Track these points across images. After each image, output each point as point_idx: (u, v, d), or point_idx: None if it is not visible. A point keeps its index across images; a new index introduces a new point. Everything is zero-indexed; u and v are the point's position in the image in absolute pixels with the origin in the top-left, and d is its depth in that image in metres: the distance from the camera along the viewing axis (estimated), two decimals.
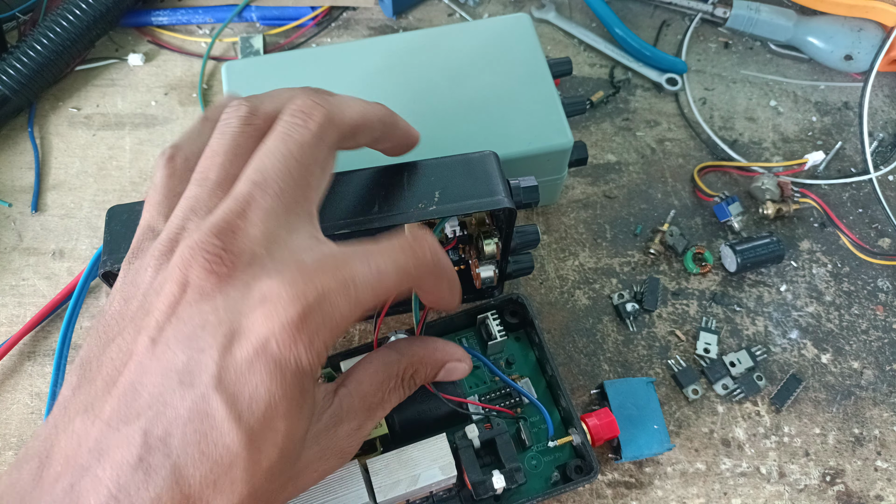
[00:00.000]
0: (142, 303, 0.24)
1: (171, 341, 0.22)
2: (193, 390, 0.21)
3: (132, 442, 0.21)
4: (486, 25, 0.47)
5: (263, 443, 0.22)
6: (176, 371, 0.22)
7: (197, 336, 0.22)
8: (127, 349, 0.23)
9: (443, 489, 0.37)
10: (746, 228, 0.49)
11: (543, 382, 0.42)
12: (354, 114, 0.28)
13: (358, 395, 0.28)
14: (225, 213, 0.24)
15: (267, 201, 0.24)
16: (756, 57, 0.57)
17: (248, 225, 0.23)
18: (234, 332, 0.22)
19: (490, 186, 0.33)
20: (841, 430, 0.43)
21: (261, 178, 0.24)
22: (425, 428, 0.37)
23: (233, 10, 0.57)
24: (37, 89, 0.51)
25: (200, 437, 0.21)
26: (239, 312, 0.22)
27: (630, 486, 0.41)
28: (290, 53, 0.47)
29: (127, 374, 0.22)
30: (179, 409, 0.21)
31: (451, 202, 0.32)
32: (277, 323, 0.22)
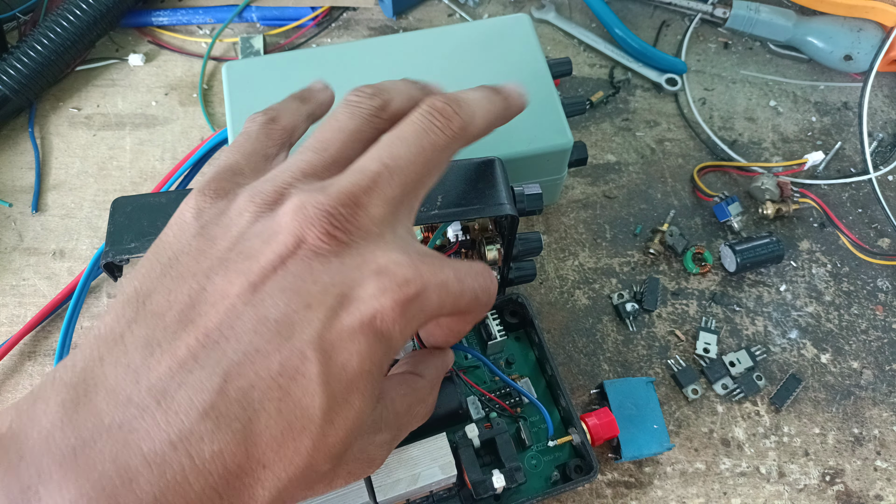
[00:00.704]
0: (237, 245, 0.22)
1: (276, 291, 0.21)
2: (290, 343, 0.20)
3: (207, 387, 0.20)
4: (486, 26, 0.47)
5: (337, 416, 0.21)
6: (275, 321, 0.21)
7: (306, 292, 0.21)
8: (215, 290, 0.21)
9: (443, 488, 0.37)
10: (746, 228, 0.49)
11: (543, 382, 0.42)
12: (483, 124, 0.28)
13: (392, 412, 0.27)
14: (353, 185, 0.23)
15: (391, 187, 0.24)
16: (756, 57, 0.57)
17: (370, 203, 0.23)
18: (345, 296, 0.21)
19: (494, 193, 0.33)
20: (840, 430, 0.43)
21: (392, 164, 0.24)
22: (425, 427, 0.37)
23: (233, 10, 0.57)
24: (37, 89, 0.51)
25: (283, 393, 0.20)
26: (353, 280, 0.22)
27: (630, 485, 0.41)
28: (290, 54, 0.47)
29: (213, 315, 0.21)
30: (270, 361, 0.20)
31: (453, 207, 0.32)
32: (389, 299, 0.22)
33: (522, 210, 0.34)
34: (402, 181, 0.24)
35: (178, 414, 0.19)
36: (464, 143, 0.28)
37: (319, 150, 0.26)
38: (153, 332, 0.21)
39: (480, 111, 0.28)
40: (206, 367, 0.20)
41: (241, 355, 0.20)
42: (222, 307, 0.21)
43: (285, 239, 0.22)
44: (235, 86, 0.44)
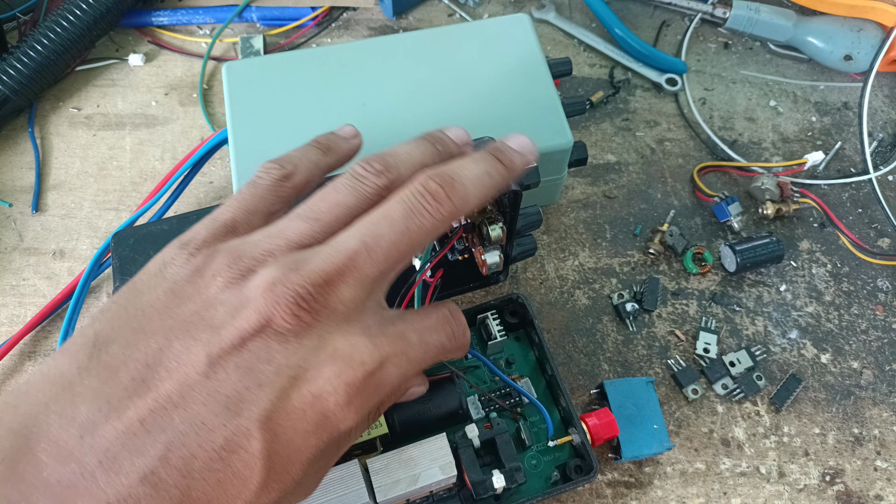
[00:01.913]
0: (203, 311, 0.23)
1: (231, 368, 0.22)
2: (238, 420, 0.21)
3: (150, 453, 0.20)
4: (485, 26, 0.47)
5: (273, 483, 0.22)
6: (226, 396, 0.21)
7: (260, 371, 0.22)
8: (173, 355, 0.22)
9: (443, 489, 0.37)
10: (746, 228, 0.49)
11: (543, 382, 0.42)
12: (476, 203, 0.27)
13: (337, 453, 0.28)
14: (328, 265, 0.23)
15: (368, 267, 0.24)
16: (756, 57, 0.57)
17: (343, 283, 0.23)
18: (297, 378, 0.22)
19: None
20: (840, 430, 0.43)
21: (372, 243, 0.24)
22: (425, 428, 0.37)
23: (233, 10, 0.57)
24: (37, 89, 0.51)
25: (224, 465, 0.21)
26: (307, 362, 0.22)
27: (630, 485, 0.41)
28: (290, 54, 0.47)
29: (168, 383, 0.21)
30: (215, 434, 0.21)
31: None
32: (342, 381, 0.22)
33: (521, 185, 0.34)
34: (379, 261, 0.24)
35: (119, 475, 0.20)
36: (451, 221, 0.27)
37: (311, 219, 0.25)
38: (105, 387, 0.21)
39: (476, 190, 0.27)
40: (152, 434, 0.20)
41: (187, 426, 0.21)
42: (177, 376, 0.21)
43: (250, 316, 0.22)
44: (235, 86, 0.44)
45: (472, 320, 0.42)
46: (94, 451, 0.20)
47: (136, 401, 0.21)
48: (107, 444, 0.20)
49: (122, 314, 0.23)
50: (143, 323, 0.23)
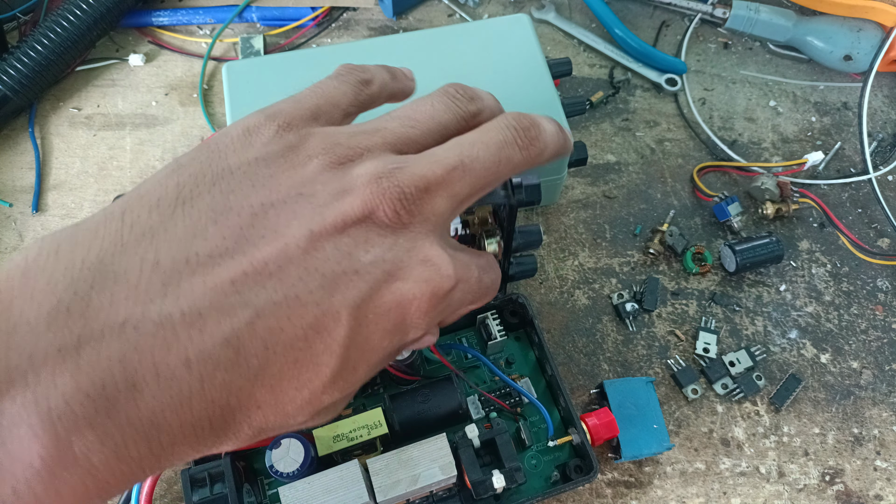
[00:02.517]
0: (302, 188, 0.22)
1: (331, 249, 0.21)
2: (330, 301, 0.20)
3: (238, 316, 0.19)
4: (485, 26, 0.47)
5: (340, 381, 0.21)
6: (322, 275, 0.20)
7: (358, 259, 0.21)
8: (272, 224, 0.21)
9: (443, 489, 0.37)
10: (746, 228, 0.49)
11: (543, 382, 0.42)
12: (549, 157, 0.28)
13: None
14: (429, 172, 0.23)
15: (460, 186, 0.24)
16: (755, 57, 0.57)
17: (438, 195, 0.23)
18: (391, 273, 0.22)
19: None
20: (840, 430, 0.43)
21: (469, 163, 0.24)
22: (425, 428, 0.37)
23: (233, 10, 0.57)
24: (37, 89, 0.51)
25: (307, 345, 0.20)
26: (402, 261, 0.22)
27: (630, 485, 0.41)
28: (290, 54, 0.47)
29: (265, 249, 0.20)
30: (306, 311, 0.20)
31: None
32: (429, 288, 0.22)
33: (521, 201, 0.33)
34: (471, 183, 0.24)
35: (203, 333, 0.18)
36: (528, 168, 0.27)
37: (408, 125, 0.25)
38: (194, 240, 0.20)
39: (552, 144, 0.28)
40: (243, 297, 0.19)
41: (281, 296, 0.20)
42: (276, 244, 0.20)
43: (355, 203, 0.22)
44: (235, 86, 0.44)
45: (472, 320, 0.42)
46: (178, 302, 0.19)
47: (228, 260, 0.20)
48: (193, 298, 0.19)
49: (207, 171, 0.22)
50: (232, 185, 0.21)
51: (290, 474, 0.35)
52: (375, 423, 0.36)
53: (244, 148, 0.23)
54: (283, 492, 0.34)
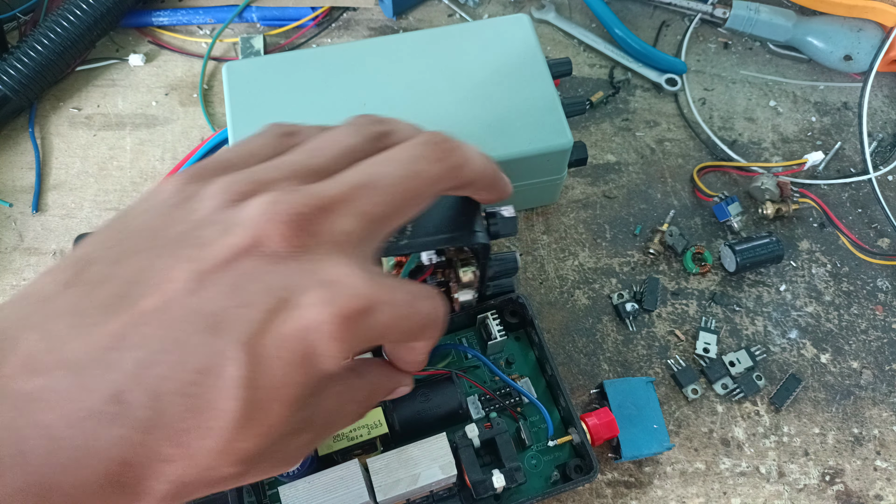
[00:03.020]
0: (192, 231, 0.21)
1: (217, 286, 0.20)
2: (217, 340, 0.19)
3: (120, 369, 0.19)
4: (485, 26, 0.47)
5: (251, 424, 0.20)
6: (207, 315, 0.20)
7: (247, 290, 0.20)
8: (159, 272, 0.20)
9: (443, 488, 0.37)
10: (746, 228, 0.49)
11: (543, 382, 0.42)
12: (473, 175, 0.27)
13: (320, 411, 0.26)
14: (329, 190, 0.23)
15: (368, 203, 0.23)
16: (755, 57, 0.57)
17: (342, 213, 0.22)
18: (286, 300, 0.20)
19: (465, 219, 0.32)
20: (840, 430, 0.43)
21: (376, 180, 0.24)
22: (425, 427, 0.37)
23: (233, 10, 0.57)
24: (37, 89, 0.51)
25: (198, 390, 0.19)
26: (299, 284, 0.21)
27: (630, 485, 0.41)
28: (290, 54, 0.47)
29: (151, 298, 0.20)
30: (193, 355, 0.19)
31: (422, 236, 0.31)
32: (331, 311, 0.21)
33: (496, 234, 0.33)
34: (380, 200, 0.24)
35: (87, 391, 0.18)
36: (451, 186, 0.27)
37: (312, 154, 0.25)
38: (82, 302, 0.20)
39: (475, 162, 0.27)
40: (125, 351, 0.19)
41: (164, 343, 0.19)
42: (159, 292, 0.20)
43: (241, 233, 0.21)
44: (235, 86, 0.44)
45: (472, 320, 0.42)
46: (63, 364, 0.19)
47: (113, 316, 0.20)
48: (77, 357, 0.19)
49: (110, 236, 0.22)
50: (129, 244, 0.22)
51: (290, 474, 0.35)
52: (375, 422, 0.36)
53: (147, 208, 0.23)
54: (283, 491, 0.34)
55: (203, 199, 0.22)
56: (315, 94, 0.44)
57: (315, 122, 0.44)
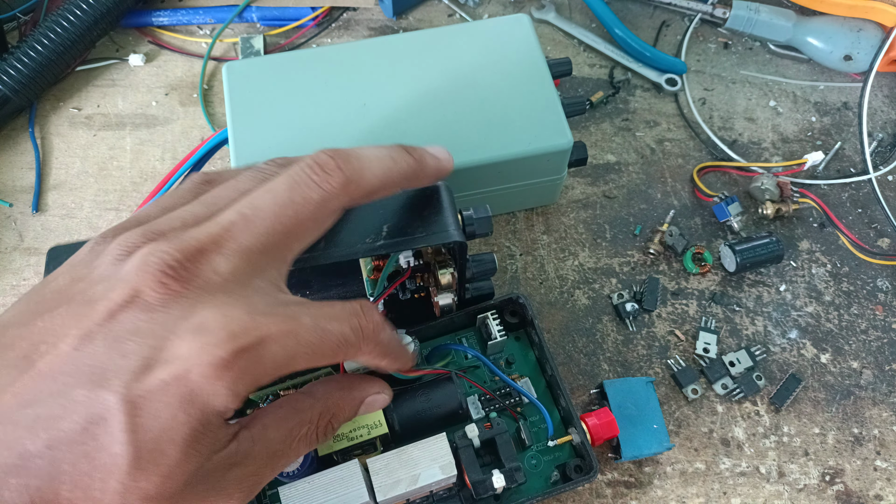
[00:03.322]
0: (88, 290, 0.23)
1: (100, 341, 0.22)
2: (100, 392, 0.21)
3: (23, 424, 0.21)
4: (485, 26, 0.47)
5: (148, 465, 0.21)
6: (92, 369, 0.21)
7: (126, 342, 0.22)
8: (54, 331, 0.22)
9: (443, 488, 0.37)
10: (746, 228, 0.49)
11: (543, 382, 0.42)
12: (374, 180, 0.28)
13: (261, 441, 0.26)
14: (201, 233, 0.24)
15: (246, 238, 0.24)
16: (755, 57, 0.57)
17: (219, 254, 0.23)
18: (160, 348, 0.22)
19: (440, 219, 0.32)
20: (840, 430, 0.43)
21: (251, 214, 0.24)
22: (425, 427, 0.37)
23: (233, 10, 0.57)
24: (37, 89, 0.51)
25: (91, 438, 0.21)
26: (171, 332, 0.22)
27: (630, 485, 0.41)
28: (290, 54, 0.47)
29: (44, 361, 0.22)
30: (79, 407, 0.21)
31: (399, 237, 0.31)
32: (204, 357, 0.22)
33: (472, 234, 0.33)
34: (260, 232, 0.24)
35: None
36: (350, 199, 0.27)
37: (208, 203, 0.26)
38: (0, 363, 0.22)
39: (375, 167, 0.28)
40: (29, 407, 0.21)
41: (55, 398, 0.21)
42: (53, 351, 0.22)
43: (121, 288, 0.22)
44: (236, 86, 0.44)
45: (472, 320, 0.42)
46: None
47: (18, 376, 0.21)
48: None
49: (27, 301, 0.24)
50: (41, 306, 0.23)
51: (290, 474, 0.35)
52: (375, 422, 0.36)
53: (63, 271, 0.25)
54: (283, 492, 0.34)
55: (104, 256, 0.24)
56: (315, 94, 0.44)
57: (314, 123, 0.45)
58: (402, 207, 0.32)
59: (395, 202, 0.32)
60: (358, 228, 0.31)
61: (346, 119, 0.43)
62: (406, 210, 0.32)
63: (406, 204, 0.32)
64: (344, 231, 0.31)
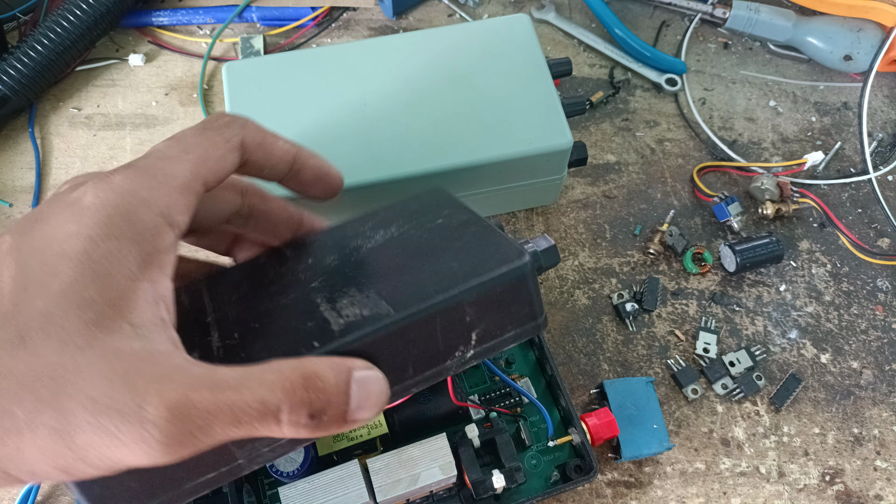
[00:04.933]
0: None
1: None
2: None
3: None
4: (485, 26, 0.47)
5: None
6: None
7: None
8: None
9: (443, 489, 0.37)
10: (746, 228, 0.49)
11: (543, 382, 0.42)
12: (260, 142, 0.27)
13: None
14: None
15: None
16: (755, 57, 0.57)
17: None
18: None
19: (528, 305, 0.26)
20: (840, 430, 0.43)
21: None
22: (425, 427, 0.37)
23: (233, 10, 0.57)
24: (37, 89, 0.51)
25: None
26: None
27: (630, 485, 0.41)
28: (290, 54, 0.47)
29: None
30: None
31: (489, 340, 0.26)
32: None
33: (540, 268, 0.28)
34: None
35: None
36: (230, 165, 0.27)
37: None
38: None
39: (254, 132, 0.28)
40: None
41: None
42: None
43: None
44: (236, 86, 0.44)
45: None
46: None
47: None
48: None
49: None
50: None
51: (290, 474, 0.35)
52: (375, 422, 0.36)
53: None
54: (284, 492, 0.34)
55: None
56: (315, 94, 0.44)
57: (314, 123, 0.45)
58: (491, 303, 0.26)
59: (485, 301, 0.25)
60: (446, 343, 0.25)
61: (346, 119, 0.43)
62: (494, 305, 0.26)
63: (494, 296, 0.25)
64: (432, 351, 0.25)
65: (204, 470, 0.24)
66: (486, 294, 0.25)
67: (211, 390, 0.20)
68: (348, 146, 0.42)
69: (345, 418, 0.23)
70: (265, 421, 0.21)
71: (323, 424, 0.23)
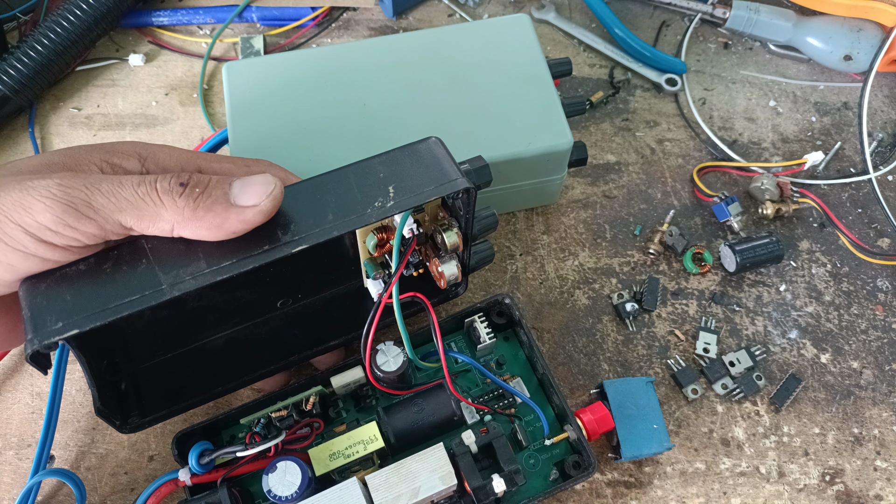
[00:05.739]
0: None
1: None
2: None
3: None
4: (485, 26, 0.47)
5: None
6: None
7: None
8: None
9: (444, 498, 0.36)
10: (746, 228, 0.49)
11: (535, 381, 0.41)
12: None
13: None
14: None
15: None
16: (755, 57, 0.57)
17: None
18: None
19: (443, 171, 0.32)
20: (840, 430, 0.43)
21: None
22: (420, 436, 0.37)
23: (233, 10, 0.57)
24: (37, 89, 0.51)
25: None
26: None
27: (630, 485, 0.41)
28: (290, 54, 0.47)
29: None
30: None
31: (407, 194, 0.31)
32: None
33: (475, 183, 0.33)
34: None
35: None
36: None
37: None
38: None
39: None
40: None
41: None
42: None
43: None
44: (235, 86, 0.44)
45: (460, 324, 0.42)
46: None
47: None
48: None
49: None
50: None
51: (290, 497, 0.34)
52: (371, 437, 0.36)
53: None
54: None
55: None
56: (315, 94, 0.44)
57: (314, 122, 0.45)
58: (403, 167, 0.32)
59: (394, 164, 0.32)
60: (364, 195, 0.31)
61: (346, 119, 0.43)
62: (408, 168, 0.32)
63: (406, 163, 0.32)
64: (350, 200, 0.31)
65: (129, 292, 0.29)
66: (394, 157, 0.33)
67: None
68: (348, 146, 0.42)
69: (227, 200, 0.29)
70: (144, 188, 0.28)
71: (203, 203, 0.28)
